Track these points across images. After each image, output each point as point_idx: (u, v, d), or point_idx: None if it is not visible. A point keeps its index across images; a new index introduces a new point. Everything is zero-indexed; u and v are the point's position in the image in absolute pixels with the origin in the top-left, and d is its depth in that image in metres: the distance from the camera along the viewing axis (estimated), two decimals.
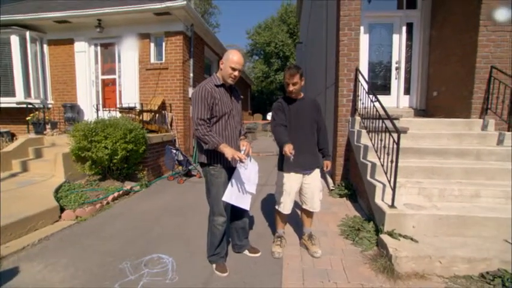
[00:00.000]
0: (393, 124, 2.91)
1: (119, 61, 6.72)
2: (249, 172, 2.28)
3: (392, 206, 2.81)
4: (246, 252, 2.56)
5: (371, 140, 3.58)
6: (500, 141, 3.81)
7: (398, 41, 5.51)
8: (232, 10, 53.71)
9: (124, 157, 4.45)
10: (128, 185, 4.67)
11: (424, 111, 5.40)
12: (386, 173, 3.00)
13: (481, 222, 2.60)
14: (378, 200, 3.06)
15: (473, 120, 4.10)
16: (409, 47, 5.52)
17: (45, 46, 6.80)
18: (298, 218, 3.20)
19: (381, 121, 3.28)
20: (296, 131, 2.43)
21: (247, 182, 2.27)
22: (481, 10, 3.96)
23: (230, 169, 2.20)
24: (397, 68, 5.58)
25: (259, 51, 27.16)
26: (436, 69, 5.13)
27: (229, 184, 2.15)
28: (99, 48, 6.83)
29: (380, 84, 5.66)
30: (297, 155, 2.39)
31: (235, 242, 2.55)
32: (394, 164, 2.78)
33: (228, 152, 1.98)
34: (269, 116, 11.04)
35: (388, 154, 2.97)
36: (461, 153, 3.55)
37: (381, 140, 3.19)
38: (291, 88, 2.35)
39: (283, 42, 24.14)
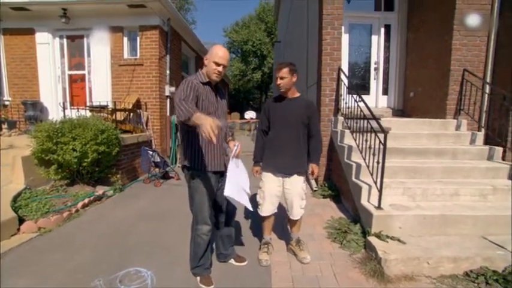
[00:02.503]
0: (379, 124, 2.90)
1: (89, 55, 6.21)
2: (240, 174, 2.11)
3: (379, 207, 2.80)
4: (232, 261, 2.41)
5: (355, 140, 3.58)
6: (472, 141, 3.99)
7: (377, 42, 5.62)
8: (209, 7, 52.74)
9: (95, 160, 4.08)
10: (100, 190, 4.30)
11: (401, 111, 5.56)
12: (372, 174, 2.99)
13: (461, 220, 2.67)
14: (364, 201, 3.04)
15: (448, 121, 4.27)
16: (387, 48, 5.65)
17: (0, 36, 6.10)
18: (285, 222, 3.10)
19: (364, 121, 3.29)
20: (278, 131, 2.34)
21: (240, 181, 2.10)
22: (454, 15, 4.11)
23: (216, 174, 2.04)
24: (376, 69, 5.69)
25: (237, 49, 26.87)
26: (412, 70, 5.29)
27: (227, 179, 1.91)
28: (65, 40, 6.25)
29: (359, 84, 5.74)
30: (274, 156, 2.32)
31: (220, 251, 2.38)
32: (380, 165, 2.77)
33: (204, 121, 1.53)
34: (247, 115, 10.86)
35: (374, 155, 2.97)
36: (440, 152, 3.66)
37: (366, 141, 3.18)
38: (278, 82, 2.28)
39: (261, 40, 24.07)
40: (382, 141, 2.78)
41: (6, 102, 6.20)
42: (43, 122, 3.87)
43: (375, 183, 2.91)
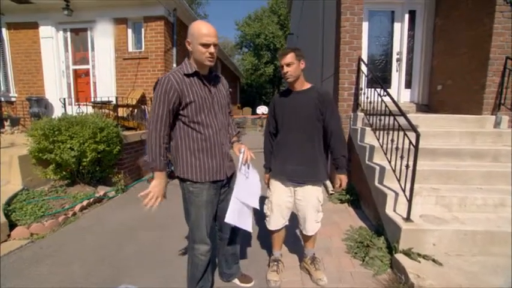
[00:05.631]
0: (410, 123, 2.48)
1: (93, 49, 5.99)
2: (250, 182, 1.78)
3: (408, 219, 2.40)
4: (236, 281, 2.08)
5: (378, 139, 3.16)
6: None
7: (400, 30, 5.09)
8: (221, 0, 52.14)
9: (95, 159, 3.85)
10: (101, 191, 4.09)
11: (426, 106, 5.04)
12: (399, 180, 2.59)
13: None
14: (389, 210, 2.64)
15: (485, 117, 3.75)
16: (411, 36, 5.10)
17: (3, 30, 5.96)
18: (297, 233, 2.74)
19: (389, 118, 2.87)
20: (286, 131, 1.97)
21: (249, 194, 1.77)
22: None
23: (217, 183, 1.70)
24: (398, 60, 5.17)
25: (249, 43, 26.36)
26: (440, 61, 4.74)
27: (230, 202, 1.65)
28: (69, 34, 6.06)
29: (380, 77, 5.23)
30: (284, 161, 1.96)
31: (224, 270, 2.06)
32: (410, 169, 2.35)
33: (153, 188, 1.57)
34: (259, 110, 10.27)
35: (402, 157, 2.55)
36: (477, 154, 3.18)
37: (392, 141, 2.76)
38: (285, 70, 1.86)
39: (274, 34, 23.44)
40: (414, 143, 2.36)
41: (13, 99, 6.10)
42: (39, 120, 3.64)
43: (403, 190, 2.51)
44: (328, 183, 4.28)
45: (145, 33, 5.71)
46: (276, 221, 2.07)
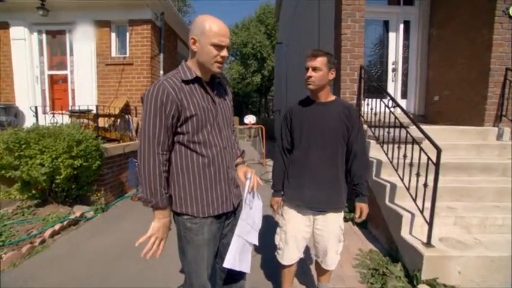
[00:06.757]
0: (429, 138, 2.28)
1: (71, 54, 5.52)
2: (253, 214, 1.47)
3: (428, 244, 2.16)
4: None
5: (386, 154, 2.95)
6: None
7: (395, 40, 5.04)
8: (208, 9, 52.26)
9: (70, 176, 3.40)
10: (78, 211, 3.61)
11: (423, 117, 4.96)
12: (415, 199, 2.37)
13: None
14: (405, 234, 2.40)
15: (487, 129, 3.66)
16: (406, 46, 5.06)
17: None
18: (306, 262, 2.43)
19: (400, 131, 2.70)
20: (306, 149, 1.66)
21: (251, 228, 1.46)
22: (496, 5, 3.51)
23: (221, 217, 1.37)
24: (394, 70, 5.10)
25: (236, 51, 26.30)
26: (437, 71, 4.70)
27: (233, 239, 1.32)
28: (44, 36, 5.55)
29: (375, 87, 5.14)
30: (301, 184, 1.66)
31: None
32: (428, 188, 2.14)
33: (157, 231, 1.24)
34: (246, 119, 9.66)
35: (418, 175, 2.34)
36: (486, 168, 3.04)
37: (405, 156, 2.56)
38: (309, 73, 1.57)
39: (261, 43, 23.48)
40: (434, 160, 2.15)
41: None
42: (3, 132, 3.17)
43: (421, 211, 2.28)
44: None
45: (130, 38, 5.33)
46: (291, 254, 1.75)
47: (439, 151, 2.11)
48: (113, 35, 5.44)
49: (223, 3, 51.81)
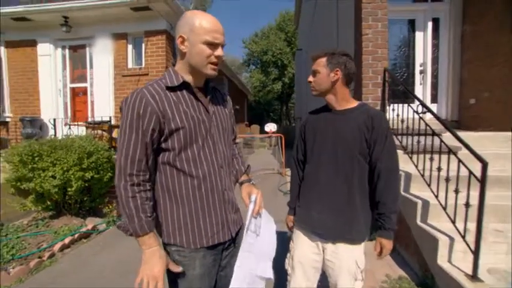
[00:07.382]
0: (470, 149, 1.93)
1: (91, 67, 5.69)
2: (262, 241, 1.23)
3: (475, 276, 1.79)
4: None
5: (416, 165, 2.60)
6: None
7: (423, 40, 4.63)
8: (227, 19, 53.48)
9: (82, 188, 3.37)
10: (90, 223, 3.58)
11: (457, 122, 4.47)
12: (454, 222, 2.01)
13: None
14: (442, 262, 2.03)
15: None
16: (435, 46, 4.63)
17: (1, 48, 5.74)
18: None
19: (428, 139, 2.37)
20: (317, 165, 1.41)
21: (260, 258, 1.22)
22: None
23: (215, 248, 1.15)
24: (422, 72, 4.68)
25: (256, 60, 26.44)
26: (472, 71, 4.22)
27: (236, 268, 1.09)
28: (67, 51, 5.79)
29: (401, 91, 4.74)
30: (309, 206, 1.41)
31: None
32: (473, 208, 1.78)
33: (145, 270, 0.98)
34: (267, 128, 9.41)
35: (457, 191, 1.98)
36: None
37: (439, 169, 2.21)
38: (309, 79, 1.40)
39: (281, 50, 23.40)
40: (477, 174, 1.80)
41: (8, 119, 5.78)
42: (17, 144, 3.22)
43: (463, 236, 1.92)
44: None
45: (145, 48, 5.39)
46: (298, 282, 1.49)
47: (484, 164, 1.76)
48: (130, 46, 5.54)
49: (243, 12, 52.74)
